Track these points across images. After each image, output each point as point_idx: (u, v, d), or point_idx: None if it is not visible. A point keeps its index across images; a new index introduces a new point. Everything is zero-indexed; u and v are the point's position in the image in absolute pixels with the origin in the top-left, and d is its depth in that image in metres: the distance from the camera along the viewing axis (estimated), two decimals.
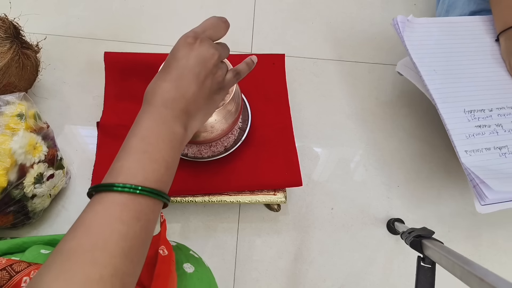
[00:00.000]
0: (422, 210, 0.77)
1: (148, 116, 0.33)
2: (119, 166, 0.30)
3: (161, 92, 0.34)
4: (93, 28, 0.87)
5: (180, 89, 0.34)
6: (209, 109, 0.38)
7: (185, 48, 0.35)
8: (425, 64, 0.66)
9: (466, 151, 0.60)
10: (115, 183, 0.29)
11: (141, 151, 0.31)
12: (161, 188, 0.31)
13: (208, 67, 0.36)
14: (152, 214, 0.30)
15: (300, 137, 0.80)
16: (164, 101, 0.33)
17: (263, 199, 0.64)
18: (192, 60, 0.35)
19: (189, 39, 0.35)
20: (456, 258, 0.41)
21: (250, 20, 0.94)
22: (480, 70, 0.68)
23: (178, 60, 0.35)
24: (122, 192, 0.28)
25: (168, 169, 0.32)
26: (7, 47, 0.62)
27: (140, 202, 0.29)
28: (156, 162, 0.31)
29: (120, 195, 0.28)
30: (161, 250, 0.43)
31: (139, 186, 0.29)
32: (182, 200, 0.63)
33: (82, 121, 0.77)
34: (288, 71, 0.75)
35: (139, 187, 0.29)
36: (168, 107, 0.33)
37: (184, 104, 0.34)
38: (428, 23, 0.71)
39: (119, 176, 0.29)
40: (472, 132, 0.62)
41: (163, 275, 0.40)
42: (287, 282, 0.69)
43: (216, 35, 0.38)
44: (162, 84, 0.34)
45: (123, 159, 0.30)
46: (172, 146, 0.32)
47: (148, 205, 0.30)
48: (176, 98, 0.34)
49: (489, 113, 0.64)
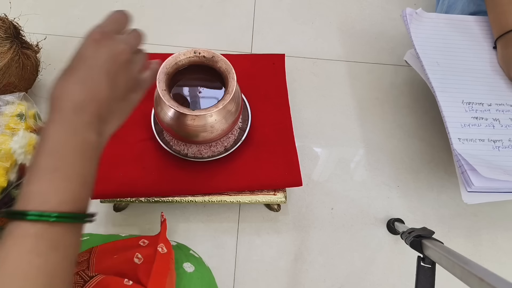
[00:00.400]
0: (422, 210, 0.77)
1: (56, 127, 0.29)
2: (28, 191, 0.27)
3: (69, 96, 0.29)
4: None
5: (90, 91, 0.30)
6: (125, 110, 0.35)
7: (91, 46, 0.32)
8: (428, 56, 0.67)
9: (459, 138, 0.60)
10: (27, 211, 0.26)
11: (51, 170, 0.27)
12: (79, 209, 0.28)
13: (119, 63, 0.32)
14: (74, 238, 0.28)
15: (300, 137, 0.80)
16: (72, 106, 0.29)
17: (263, 199, 0.64)
18: (101, 57, 0.31)
19: (96, 35, 0.32)
20: (456, 258, 0.41)
21: (250, 20, 0.94)
22: (483, 68, 0.68)
23: (86, 59, 0.31)
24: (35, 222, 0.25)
25: (85, 183, 0.29)
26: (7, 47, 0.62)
27: (57, 230, 0.26)
28: (70, 180, 0.28)
29: (33, 225, 0.25)
30: (160, 247, 0.43)
31: (54, 213, 0.26)
32: (182, 200, 0.63)
33: None
34: (288, 71, 0.75)
35: (53, 215, 0.26)
36: (78, 113, 0.29)
37: (96, 108, 0.30)
38: (437, 19, 0.72)
39: (29, 203, 0.26)
40: (468, 123, 0.62)
41: (161, 272, 0.40)
42: (287, 282, 0.69)
43: (121, 28, 0.35)
44: (69, 86, 0.30)
45: (33, 182, 0.27)
46: (86, 157, 0.29)
47: (66, 231, 0.27)
48: (87, 102, 0.30)
49: (488, 107, 0.64)
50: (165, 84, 0.53)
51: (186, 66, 0.57)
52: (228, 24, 0.93)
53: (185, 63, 0.57)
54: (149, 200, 0.63)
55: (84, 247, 0.47)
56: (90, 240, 0.50)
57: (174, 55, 0.55)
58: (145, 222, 0.71)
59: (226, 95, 0.53)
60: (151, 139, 0.64)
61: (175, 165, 0.63)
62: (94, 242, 0.48)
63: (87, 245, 0.47)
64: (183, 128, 0.55)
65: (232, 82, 0.54)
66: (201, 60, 0.57)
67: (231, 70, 0.55)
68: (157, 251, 0.42)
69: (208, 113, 0.52)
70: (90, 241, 0.49)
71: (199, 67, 0.58)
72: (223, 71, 0.55)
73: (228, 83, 0.54)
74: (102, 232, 0.69)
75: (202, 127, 0.55)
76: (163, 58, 0.55)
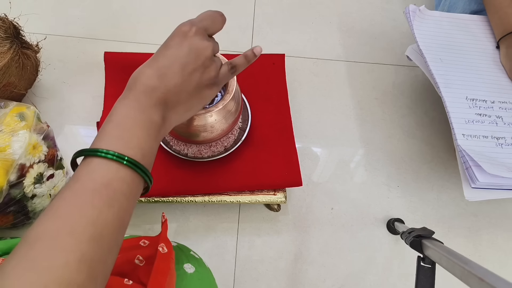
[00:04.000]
0: (422, 210, 0.77)
1: (126, 102, 0.32)
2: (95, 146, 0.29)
3: (143, 78, 0.32)
4: (93, 28, 0.87)
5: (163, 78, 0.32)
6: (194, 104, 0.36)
7: (178, 37, 0.33)
8: (431, 52, 0.68)
9: (463, 134, 0.60)
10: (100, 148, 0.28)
11: (115, 138, 0.29)
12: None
13: (200, 59, 0.34)
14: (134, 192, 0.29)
15: (300, 137, 0.80)
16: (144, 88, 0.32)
17: (263, 199, 0.64)
18: (184, 50, 0.33)
19: (185, 27, 0.33)
20: (456, 258, 0.41)
21: (250, 20, 0.94)
22: (487, 66, 0.69)
23: (169, 48, 0.33)
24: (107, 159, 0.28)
25: (144, 156, 0.30)
26: (7, 47, 0.62)
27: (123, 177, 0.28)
28: (131, 149, 0.29)
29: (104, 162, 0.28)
30: (160, 247, 0.43)
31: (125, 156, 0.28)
32: (182, 200, 0.63)
33: (82, 121, 0.77)
34: (288, 71, 0.75)
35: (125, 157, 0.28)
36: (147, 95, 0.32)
37: (163, 94, 0.32)
38: (440, 17, 0.72)
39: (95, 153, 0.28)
40: (472, 119, 0.62)
41: (162, 272, 0.40)
42: (287, 282, 0.69)
43: (213, 28, 0.36)
44: (146, 70, 0.33)
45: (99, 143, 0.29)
46: (148, 134, 0.31)
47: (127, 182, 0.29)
48: (156, 87, 0.32)
49: (491, 104, 0.64)
50: None
51: None
52: (228, 24, 0.93)
53: None
54: (149, 200, 0.63)
55: None
56: None
57: None
58: (145, 222, 0.71)
59: (226, 95, 0.53)
60: None
61: (175, 165, 0.63)
62: None
63: None
64: (183, 128, 0.55)
65: (232, 82, 0.54)
66: None
67: None
68: (158, 250, 0.42)
69: (208, 113, 0.52)
70: None
71: None
72: None
73: (228, 83, 0.54)
74: None
75: (202, 127, 0.54)
76: None
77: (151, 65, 0.33)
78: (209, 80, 0.35)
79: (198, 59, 0.33)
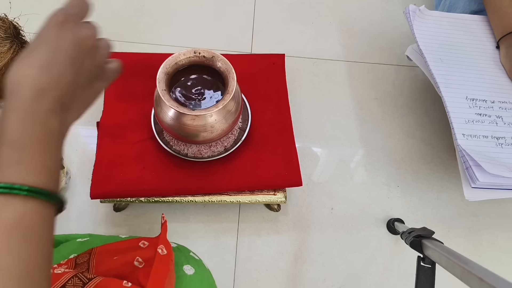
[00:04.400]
0: (422, 210, 0.77)
1: (17, 115, 0.26)
2: None
3: (29, 81, 0.27)
4: None
5: (53, 77, 0.28)
6: (89, 98, 0.33)
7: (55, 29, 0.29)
8: (431, 52, 0.68)
9: (463, 134, 0.60)
10: None
11: (14, 163, 0.25)
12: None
13: (84, 48, 0.30)
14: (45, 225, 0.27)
15: (300, 137, 0.80)
16: (34, 92, 0.27)
17: (263, 199, 0.64)
18: (66, 41, 0.29)
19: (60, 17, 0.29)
20: (456, 258, 0.41)
21: (250, 20, 0.94)
22: (487, 66, 0.69)
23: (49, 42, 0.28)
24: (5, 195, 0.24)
25: (50, 175, 0.27)
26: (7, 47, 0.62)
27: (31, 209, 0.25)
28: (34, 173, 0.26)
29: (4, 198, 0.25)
30: (159, 249, 0.43)
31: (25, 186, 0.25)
32: (182, 200, 0.63)
33: (82, 121, 0.75)
34: (288, 71, 0.75)
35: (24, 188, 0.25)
36: (39, 100, 0.27)
37: (59, 94, 0.28)
38: (440, 17, 0.72)
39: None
40: (472, 119, 0.62)
41: (160, 274, 0.39)
42: (287, 282, 0.69)
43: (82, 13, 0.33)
44: (29, 71, 0.27)
45: None
46: (49, 147, 0.27)
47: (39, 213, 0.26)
48: (49, 88, 0.27)
49: (491, 104, 0.65)
50: (165, 84, 0.53)
51: (186, 66, 0.57)
52: (228, 24, 0.93)
53: (185, 63, 0.57)
54: (149, 200, 0.63)
55: (84, 248, 0.47)
56: (90, 241, 0.50)
57: (174, 55, 0.55)
58: (145, 222, 0.71)
59: (226, 95, 0.53)
60: (151, 139, 0.64)
61: (175, 165, 0.63)
62: (94, 243, 0.48)
63: (87, 246, 0.47)
64: (183, 128, 0.55)
65: (232, 82, 0.54)
66: (201, 60, 0.57)
67: (231, 70, 0.54)
68: (157, 252, 0.42)
69: (208, 113, 0.52)
70: (90, 242, 0.49)
71: (199, 67, 0.58)
72: (223, 71, 0.55)
73: (228, 83, 0.54)
74: (102, 232, 0.69)
75: (202, 127, 0.55)
76: (163, 58, 0.55)
77: (31, 63, 0.28)
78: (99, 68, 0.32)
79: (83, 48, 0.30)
